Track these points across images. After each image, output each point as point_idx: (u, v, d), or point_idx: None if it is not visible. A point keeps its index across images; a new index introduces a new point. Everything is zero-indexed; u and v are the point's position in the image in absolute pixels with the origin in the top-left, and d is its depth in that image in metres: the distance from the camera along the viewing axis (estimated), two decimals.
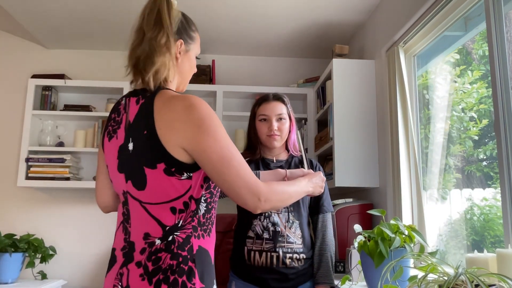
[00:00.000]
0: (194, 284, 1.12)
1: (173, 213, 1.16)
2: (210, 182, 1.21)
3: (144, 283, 1.11)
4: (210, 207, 1.23)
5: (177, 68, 1.27)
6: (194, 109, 1.15)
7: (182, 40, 1.27)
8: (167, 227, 1.16)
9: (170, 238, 1.15)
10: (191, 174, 1.17)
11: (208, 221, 1.23)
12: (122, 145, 1.20)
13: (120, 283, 1.14)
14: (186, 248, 1.15)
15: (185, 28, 1.29)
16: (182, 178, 1.16)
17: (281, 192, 1.24)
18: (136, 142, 1.17)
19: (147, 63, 1.19)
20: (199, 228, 1.19)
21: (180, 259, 1.14)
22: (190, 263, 1.14)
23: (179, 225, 1.16)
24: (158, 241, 1.15)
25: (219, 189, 1.26)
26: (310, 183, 1.45)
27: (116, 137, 1.23)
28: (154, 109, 1.16)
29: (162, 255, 1.13)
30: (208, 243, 1.21)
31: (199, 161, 1.16)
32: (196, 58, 1.38)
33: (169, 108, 1.15)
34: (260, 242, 1.73)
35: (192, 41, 1.31)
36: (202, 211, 1.20)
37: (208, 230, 1.22)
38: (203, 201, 1.20)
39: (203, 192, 1.20)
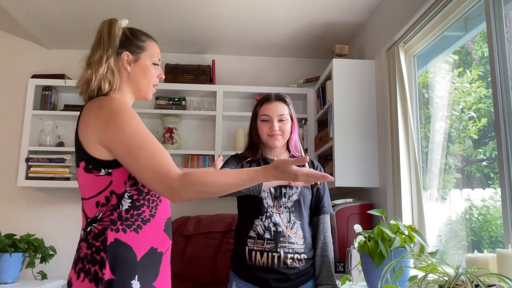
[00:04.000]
0: (104, 274, 1.20)
1: (96, 207, 1.27)
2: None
3: (72, 272, 1.25)
4: (138, 204, 1.29)
5: (129, 76, 1.40)
6: (104, 107, 1.27)
7: (128, 52, 1.40)
8: (89, 219, 1.28)
9: (89, 229, 1.27)
10: (110, 171, 1.26)
11: (135, 217, 1.28)
12: None
13: (69, 276, 1.28)
14: (100, 239, 1.24)
15: (130, 40, 1.41)
16: (101, 174, 1.26)
17: (200, 184, 1.21)
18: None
19: (90, 79, 1.36)
20: (119, 222, 1.25)
21: (94, 248, 1.23)
22: (102, 254, 1.22)
23: (98, 217, 1.27)
24: (82, 232, 1.29)
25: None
26: (267, 172, 1.25)
27: None
28: (81, 114, 1.32)
29: (82, 245, 1.26)
30: (132, 238, 1.26)
31: (114, 155, 1.25)
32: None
33: (87, 110, 1.30)
34: (262, 242, 1.73)
35: (141, 50, 1.42)
36: (125, 207, 1.27)
37: (134, 226, 1.27)
38: (126, 197, 1.27)
39: (127, 189, 1.28)
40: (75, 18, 3.01)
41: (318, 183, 1.73)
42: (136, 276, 1.25)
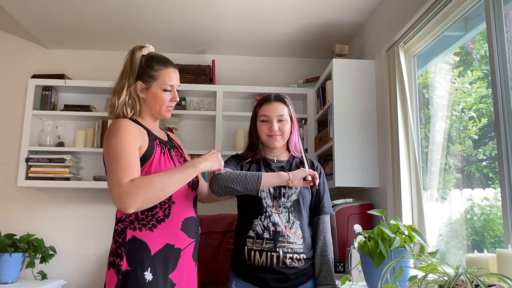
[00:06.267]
0: (121, 265, 1.42)
1: None
2: None
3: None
4: (151, 206, 1.48)
5: (144, 102, 1.61)
6: (108, 129, 1.51)
7: (140, 81, 1.58)
8: (116, 219, 1.53)
9: (115, 227, 1.51)
10: None
11: (150, 218, 1.49)
12: None
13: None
14: (122, 236, 1.47)
15: (143, 70, 1.58)
16: None
17: (148, 185, 1.38)
18: None
19: (114, 106, 1.59)
20: (136, 222, 1.48)
21: (117, 244, 1.47)
22: (122, 248, 1.45)
23: (122, 218, 1.51)
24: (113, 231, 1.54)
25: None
26: (199, 162, 1.52)
27: None
28: None
29: (111, 241, 1.52)
30: (147, 235, 1.47)
31: None
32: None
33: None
34: (261, 242, 1.73)
35: (152, 79, 1.58)
36: None
37: (149, 225, 1.48)
38: None
39: None
40: (75, 18, 3.01)
41: (317, 185, 1.73)
42: (149, 268, 1.44)
